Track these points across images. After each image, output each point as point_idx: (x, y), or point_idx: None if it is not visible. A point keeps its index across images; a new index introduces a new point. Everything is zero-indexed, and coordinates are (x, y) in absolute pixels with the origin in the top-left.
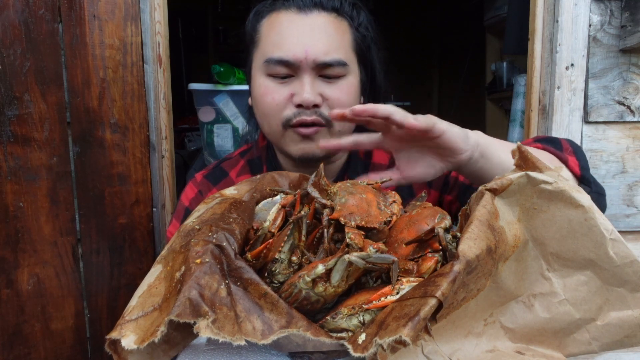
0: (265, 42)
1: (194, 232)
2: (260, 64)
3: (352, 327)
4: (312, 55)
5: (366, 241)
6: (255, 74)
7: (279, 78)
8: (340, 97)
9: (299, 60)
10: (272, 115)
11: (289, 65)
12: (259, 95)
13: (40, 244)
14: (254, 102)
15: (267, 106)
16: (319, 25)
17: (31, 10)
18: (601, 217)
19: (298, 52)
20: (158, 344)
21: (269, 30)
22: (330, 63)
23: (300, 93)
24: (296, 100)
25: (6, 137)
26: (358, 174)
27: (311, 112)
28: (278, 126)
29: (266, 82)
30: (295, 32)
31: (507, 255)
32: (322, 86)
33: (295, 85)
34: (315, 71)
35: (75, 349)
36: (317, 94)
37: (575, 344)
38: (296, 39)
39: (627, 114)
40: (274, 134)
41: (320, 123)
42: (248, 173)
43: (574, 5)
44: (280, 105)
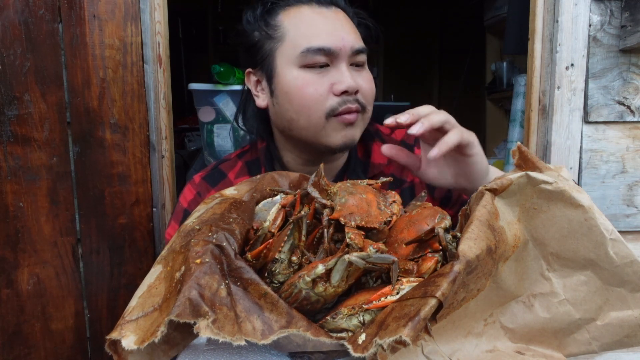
0: (295, 34)
1: (194, 232)
2: (293, 57)
3: (352, 327)
4: (348, 43)
5: (366, 241)
6: (285, 69)
7: (316, 68)
8: (370, 85)
9: (338, 48)
10: (314, 107)
11: (329, 53)
12: (297, 88)
13: (40, 244)
14: (287, 97)
15: (309, 98)
16: (342, 18)
17: (31, 10)
18: (601, 217)
19: (336, 40)
20: (158, 344)
21: (295, 22)
22: (361, 50)
23: (343, 81)
24: (340, 88)
25: (6, 137)
26: (357, 174)
27: (353, 99)
28: (320, 118)
29: (302, 74)
30: (327, 22)
31: (507, 255)
32: (355, 75)
33: (332, 74)
34: (349, 60)
35: (75, 349)
36: (355, 82)
37: (575, 344)
38: (331, 28)
39: (627, 114)
40: (313, 127)
41: (358, 109)
42: (246, 175)
43: (574, 5)
44: (323, 95)
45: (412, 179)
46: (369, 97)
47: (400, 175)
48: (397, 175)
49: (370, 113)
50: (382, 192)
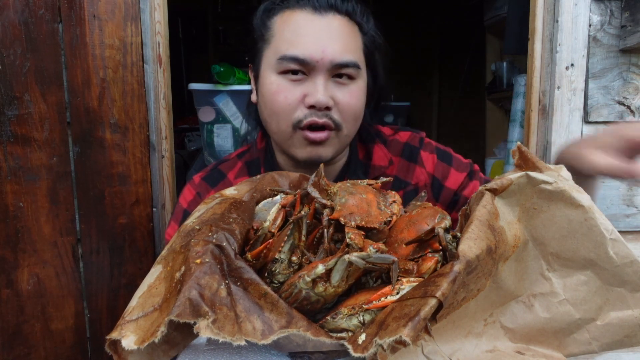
0: (279, 39)
1: (194, 232)
2: (272, 61)
3: (352, 327)
4: (329, 56)
5: (366, 241)
6: (266, 71)
7: (292, 75)
8: (350, 101)
9: (315, 60)
10: (282, 115)
11: (304, 63)
12: (270, 93)
13: (40, 244)
14: (263, 100)
15: (279, 105)
16: (335, 26)
17: (31, 10)
18: (601, 217)
19: (315, 51)
20: (158, 344)
21: (282, 27)
22: (347, 63)
23: (314, 94)
24: (309, 101)
25: (6, 137)
26: (358, 175)
27: (322, 114)
28: (288, 127)
29: (278, 80)
30: (311, 31)
31: (507, 255)
32: (334, 89)
33: (308, 85)
34: (329, 72)
35: (75, 349)
36: (330, 97)
37: (575, 344)
38: (313, 38)
39: (627, 114)
40: (281, 134)
41: (329, 126)
42: (246, 175)
43: (574, 5)
44: (292, 105)
45: (416, 182)
46: (349, 114)
47: (404, 177)
48: (401, 177)
49: (349, 131)
50: (382, 192)
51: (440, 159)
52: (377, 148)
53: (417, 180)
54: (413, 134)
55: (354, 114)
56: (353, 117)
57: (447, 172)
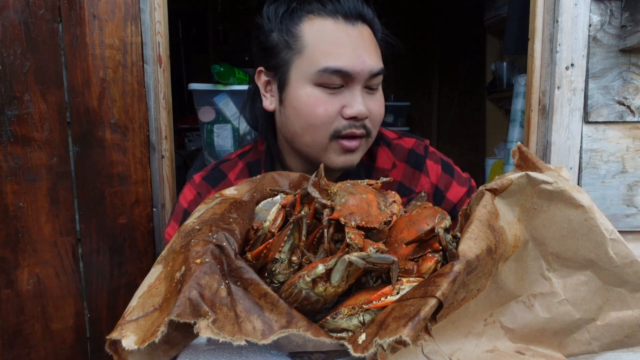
0: (315, 50)
1: (194, 232)
2: (309, 73)
3: (352, 327)
4: (368, 67)
5: (366, 241)
6: (298, 82)
7: (330, 89)
8: (380, 109)
9: (356, 72)
10: (321, 127)
11: (347, 75)
12: (308, 105)
13: (40, 244)
14: (295, 112)
15: (318, 118)
16: (367, 37)
17: (31, 10)
18: (601, 217)
19: (356, 63)
20: (158, 344)
21: (317, 37)
22: (379, 72)
23: (354, 105)
24: (349, 112)
25: (6, 137)
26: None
27: (360, 124)
28: (325, 138)
29: (315, 92)
30: (349, 41)
31: (507, 255)
32: (367, 99)
33: (345, 96)
34: (364, 82)
35: (75, 349)
36: (366, 107)
37: (575, 344)
38: (352, 50)
39: (627, 114)
40: (316, 146)
41: (363, 135)
42: (247, 176)
43: (574, 5)
44: (332, 117)
45: (420, 190)
46: (377, 122)
47: (409, 185)
48: (405, 184)
49: (374, 136)
50: (382, 192)
51: (444, 171)
52: (381, 151)
53: (421, 189)
54: (418, 141)
55: (380, 121)
56: (379, 123)
57: (449, 184)
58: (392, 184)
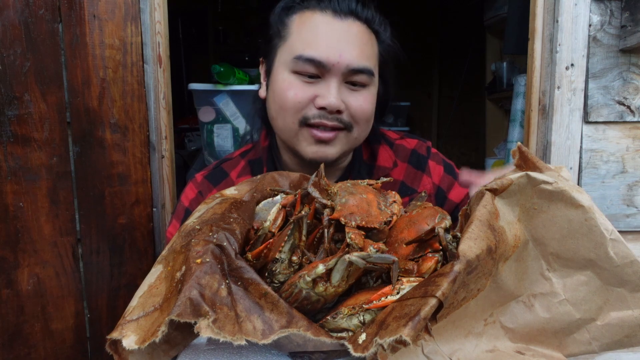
0: (296, 38)
1: (195, 232)
2: (287, 60)
3: (352, 327)
4: (345, 60)
5: (366, 241)
6: (279, 68)
7: (305, 77)
8: (362, 105)
9: (331, 63)
10: (290, 111)
11: (320, 66)
12: (281, 89)
13: (40, 244)
14: (273, 95)
15: (288, 101)
16: (354, 32)
17: (31, 10)
18: (601, 217)
19: (332, 54)
20: (159, 344)
21: (301, 27)
22: (362, 70)
23: (326, 96)
24: (320, 102)
25: (6, 137)
26: (362, 176)
27: (332, 117)
28: (294, 123)
29: (290, 77)
30: (330, 34)
31: (508, 255)
32: (346, 94)
33: (320, 87)
34: (343, 77)
35: (75, 349)
36: (342, 101)
37: (576, 344)
38: (331, 41)
39: (627, 114)
40: (287, 131)
41: (338, 127)
42: (249, 174)
43: (574, 5)
44: (302, 103)
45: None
46: (360, 118)
47: (411, 185)
48: (407, 183)
49: (359, 134)
50: (382, 192)
51: (446, 172)
52: (382, 149)
53: (423, 189)
54: (420, 142)
55: (364, 119)
56: (364, 121)
57: (451, 185)
58: (394, 183)
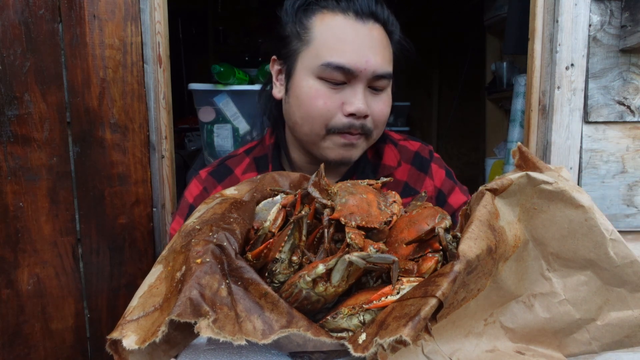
0: (321, 43)
1: (195, 232)
2: (313, 66)
3: (352, 327)
4: (372, 67)
5: (366, 241)
6: (303, 73)
7: (332, 84)
8: (382, 109)
9: (359, 70)
10: (318, 120)
11: (348, 73)
12: (308, 97)
13: (40, 244)
14: (297, 101)
15: (317, 110)
16: (376, 37)
17: (31, 10)
18: (601, 218)
19: (360, 61)
20: (159, 344)
21: (324, 31)
22: (384, 75)
23: (354, 103)
24: (349, 109)
25: (6, 137)
26: (367, 174)
27: (360, 123)
28: (322, 130)
29: (317, 85)
30: (356, 40)
31: (508, 255)
32: (370, 98)
33: (347, 93)
34: (367, 82)
35: (75, 349)
36: (368, 106)
37: (575, 344)
38: (357, 47)
39: (627, 114)
40: (313, 136)
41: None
42: (254, 171)
43: (574, 5)
44: (331, 111)
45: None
46: (380, 122)
47: (414, 186)
48: (410, 184)
49: (376, 136)
50: (383, 192)
51: (447, 177)
52: (388, 149)
53: (425, 189)
54: (423, 145)
55: (384, 122)
56: (383, 124)
57: (452, 189)
58: (397, 184)
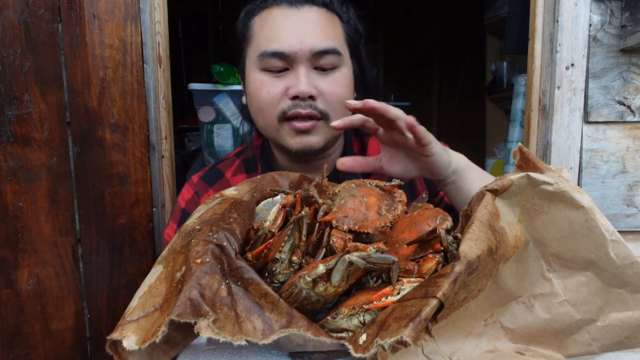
0: (258, 37)
1: (195, 232)
2: (254, 59)
3: (352, 327)
4: (307, 45)
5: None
6: (249, 70)
7: (274, 72)
8: (334, 89)
9: (294, 51)
10: (267, 109)
11: (284, 57)
12: (254, 89)
13: (40, 244)
14: (249, 98)
15: (263, 100)
16: (312, 18)
17: (31, 10)
18: (602, 218)
19: (293, 43)
20: (159, 344)
21: (261, 25)
22: (326, 50)
23: (296, 85)
24: (292, 92)
25: (6, 137)
26: None
27: (306, 104)
28: (273, 120)
29: (261, 76)
30: (288, 24)
31: (508, 256)
32: (317, 79)
33: (290, 78)
34: (310, 62)
35: (75, 349)
36: (313, 86)
37: (576, 344)
38: (290, 31)
39: (628, 114)
40: (269, 128)
41: (315, 116)
42: (243, 172)
43: (574, 5)
44: (275, 98)
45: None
46: (334, 102)
47: None
48: None
49: (339, 119)
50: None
51: None
52: (372, 141)
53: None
54: None
55: (340, 102)
56: (340, 105)
57: None
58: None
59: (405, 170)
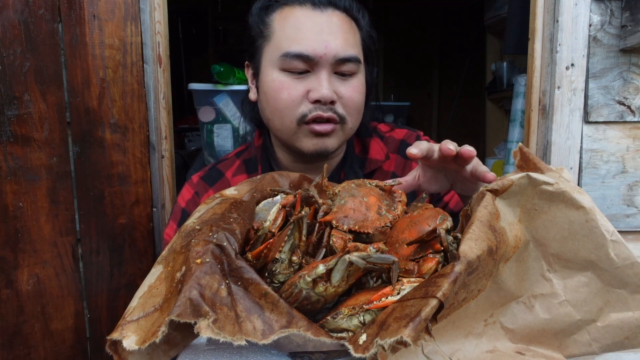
0: (280, 36)
1: (195, 232)
2: (274, 59)
3: (352, 327)
4: (332, 51)
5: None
6: (267, 68)
7: (295, 73)
8: (353, 95)
9: (318, 55)
10: (286, 111)
11: (308, 60)
12: (273, 90)
13: (40, 244)
14: (265, 97)
15: (282, 102)
16: (336, 22)
17: (31, 10)
18: (602, 219)
19: (318, 47)
20: (158, 344)
21: (283, 24)
22: (349, 58)
23: (318, 89)
24: (313, 96)
25: (6, 137)
26: (354, 169)
27: (327, 108)
28: (292, 122)
29: (281, 77)
30: (313, 27)
31: (508, 256)
32: (337, 84)
33: (311, 81)
34: (332, 67)
35: (75, 349)
36: (333, 91)
37: (576, 345)
38: (316, 34)
39: (628, 114)
40: (285, 130)
41: (335, 120)
42: (244, 173)
43: (574, 5)
44: (296, 101)
45: None
46: (352, 108)
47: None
48: (398, 174)
49: (353, 124)
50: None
51: None
52: (374, 142)
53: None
54: (409, 132)
55: (357, 108)
56: (356, 110)
57: None
58: (385, 174)
59: (442, 187)
